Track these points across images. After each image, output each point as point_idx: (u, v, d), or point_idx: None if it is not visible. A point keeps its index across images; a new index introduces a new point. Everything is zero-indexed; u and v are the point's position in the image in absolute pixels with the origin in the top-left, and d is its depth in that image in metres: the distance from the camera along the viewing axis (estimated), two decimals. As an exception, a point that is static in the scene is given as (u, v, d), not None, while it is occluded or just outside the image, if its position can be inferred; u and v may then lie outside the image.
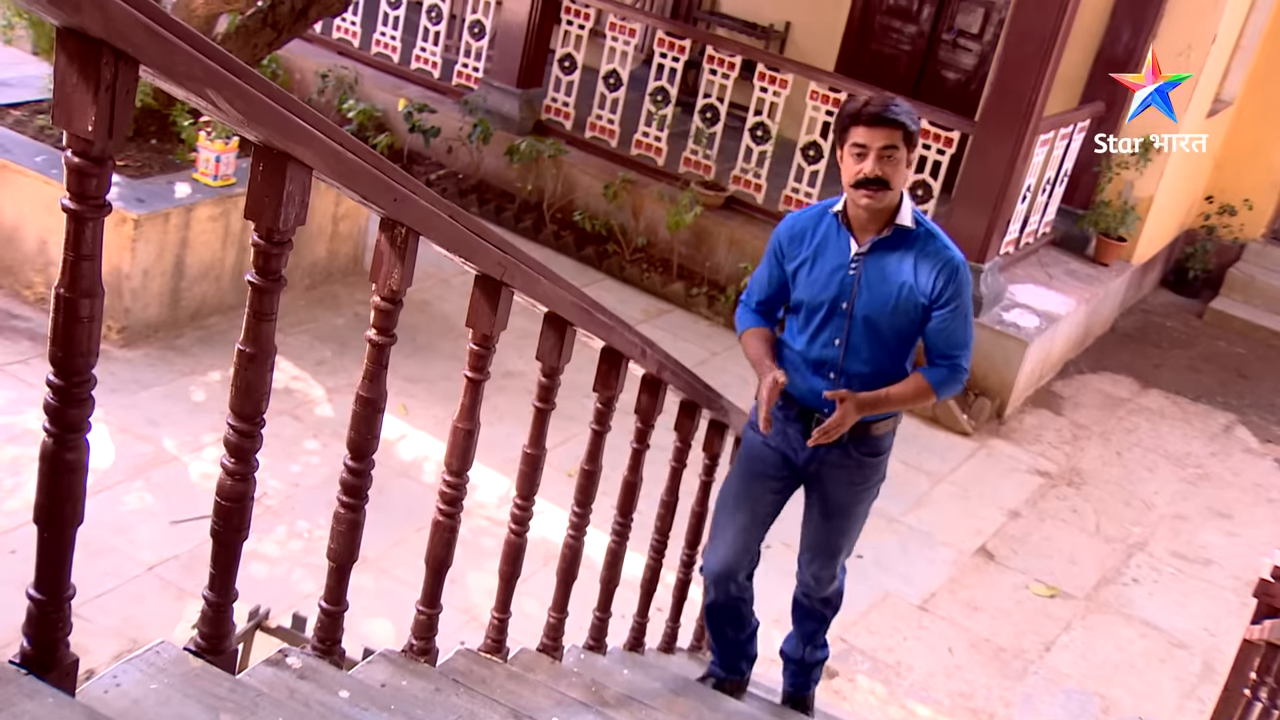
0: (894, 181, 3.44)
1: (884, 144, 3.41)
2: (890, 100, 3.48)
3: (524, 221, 8.29)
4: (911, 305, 3.54)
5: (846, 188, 3.49)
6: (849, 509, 3.82)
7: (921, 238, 3.56)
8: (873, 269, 3.55)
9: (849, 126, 3.47)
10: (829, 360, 3.62)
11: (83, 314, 1.62)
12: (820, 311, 3.60)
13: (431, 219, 2.24)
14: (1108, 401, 7.86)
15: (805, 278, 3.63)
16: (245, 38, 5.93)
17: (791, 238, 3.70)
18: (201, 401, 5.55)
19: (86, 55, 1.44)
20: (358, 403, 2.37)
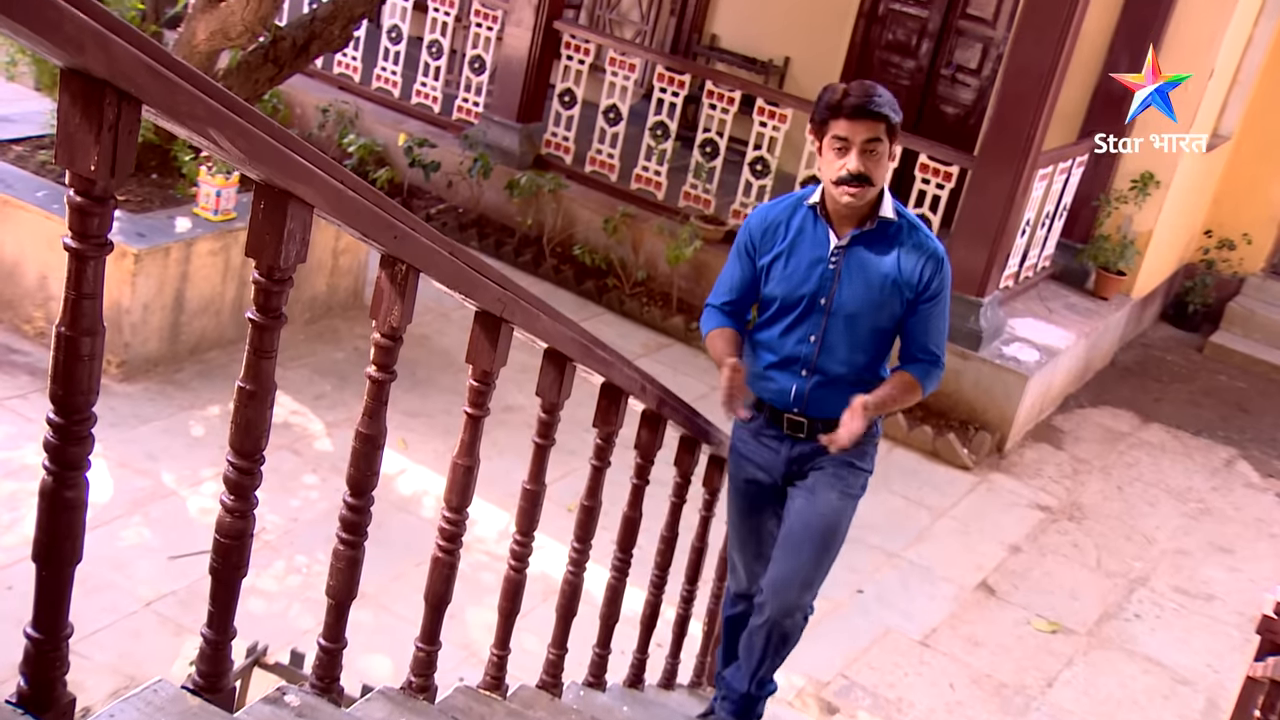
0: (876, 177, 3.32)
1: (867, 137, 3.27)
2: (872, 90, 3.31)
3: (524, 256, 8.30)
4: (895, 299, 3.43)
5: (826, 183, 3.38)
6: (835, 512, 3.60)
7: (904, 229, 3.46)
8: (854, 262, 3.43)
9: (828, 119, 3.31)
10: (802, 358, 3.50)
11: (84, 352, 1.61)
12: (796, 307, 3.48)
13: (431, 256, 2.24)
14: (1108, 436, 7.85)
15: (780, 272, 3.50)
16: (247, 73, 5.96)
17: (765, 230, 3.55)
18: (200, 436, 5.54)
19: (90, 95, 1.44)
20: (357, 439, 2.37)
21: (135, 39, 1.44)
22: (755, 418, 3.62)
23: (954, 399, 7.29)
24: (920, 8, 9.61)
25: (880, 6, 9.71)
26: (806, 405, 3.52)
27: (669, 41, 10.61)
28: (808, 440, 3.56)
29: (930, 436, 7.02)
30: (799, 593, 3.59)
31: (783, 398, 3.54)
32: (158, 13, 6.56)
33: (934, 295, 3.45)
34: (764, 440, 3.62)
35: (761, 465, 3.64)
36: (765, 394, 3.57)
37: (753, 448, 3.66)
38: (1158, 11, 8.15)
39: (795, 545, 3.58)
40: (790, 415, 3.54)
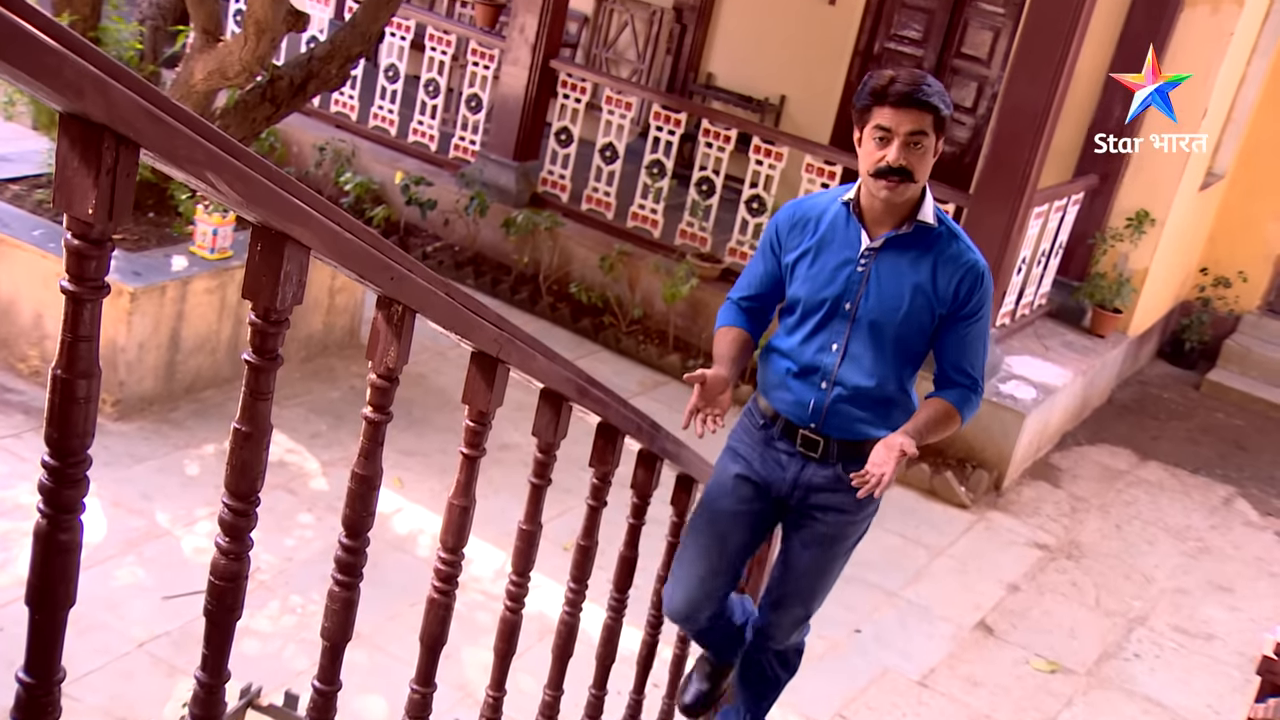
0: (919, 173, 3.05)
1: (911, 129, 3.00)
2: (921, 78, 3.05)
3: (520, 293, 8.30)
4: (925, 313, 3.16)
5: (864, 175, 3.11)
6: (832, 540, 3.39)
7: (944, 238, 3.17)
8: (885, 267, 3.16)
9: (872, 105, 3.04)
10: (822, 368, 3.23)
11: (80, 395, 1.61)
12: (819, 311, 3.22)
13: (428, 297, 2.24)
14: (1106, 474, 7.84)
15: (806, 271, 3.24)
16: (244, 112, 5.98)
17: (793, 225, 3.30)
18: (195, 475, 5.52)
19: (88, 140, 1.45)
20: (353, 480, 2.36)
21: (134, 84, 1.44)
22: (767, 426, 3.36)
23: (951, 437, 7.21)
24: (915, 47, 9.66)
25: (876, 45, 9.77)
26: (824, 421, 3.26)
27: (665, 80, 10.66)
28: (822, 463, 3.29)
29: (927, 474, 7.01)
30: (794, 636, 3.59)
31: (799, 411, 3.28)
32: (155, 52, 6.59)
33: (972, 314, 3.19)
34: (772, 452, 3.36)
35: (761, 471, 3.36)
36: (780, 405, 3.32)
37: (757, 452, 3.37)
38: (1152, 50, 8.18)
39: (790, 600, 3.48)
40: (805, 431, 3.28)
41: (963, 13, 9.45)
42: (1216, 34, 8.02)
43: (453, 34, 9.06)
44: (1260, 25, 8.69)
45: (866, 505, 3.34)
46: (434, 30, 9.05)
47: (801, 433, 3.28)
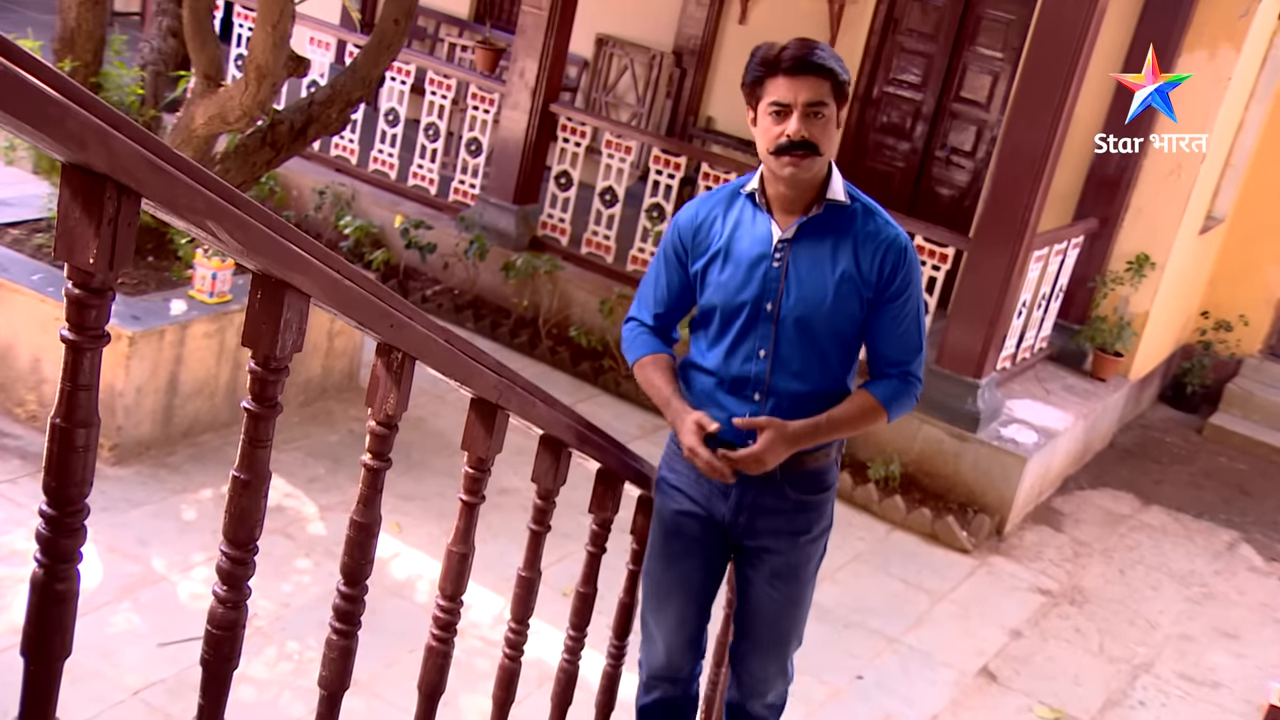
0: (823, 145, 2.81)
1: (810, 98, 2.77)
2: (814, 43, 2.82)
3: (519, 337, 8.29)
4: (853, 300, 2.91)
5: (764, 155, 2.87)
6: (794, 570, 3.13)
7: (860, 215, 2.93)
8: (803, 258, 2.91)
9: (764, 78, 2.82)
10: (752, 378, 2.97)
11: (78, 443, 1.61)
12: (739, 318, 2.95)
13: (428, 344, 2.24)
14: (1109, 518, 7.80)
15: (716, 277, 2.97)
16: (244, 156, 5.98)
17: (695, 228, 3.02)
18: (192, 520, 5.49)
19: (90, 190, 1.45)
20: (352, 527, 2.35)
21: (136, 134, 1.45)
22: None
23: (952, 481, 7.25)
24: (914, 91, 9.70)
25: (875, 89, 9.80)
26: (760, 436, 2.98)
27: (665, 124, 10.70)
28: (764, 483, 3.03)
29: (929, 519, 6.97)
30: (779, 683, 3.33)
31: (733, 428, 3.00)
32: (157, 97, 6.61)
33: (897, 293, 2.93)
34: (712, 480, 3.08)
35: (700, 500, 3.13)
36: None
37: (691, 480, 3.12)
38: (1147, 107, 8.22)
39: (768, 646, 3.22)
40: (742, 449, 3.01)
41: (961, 57, 9.49)
42: (1214, 80, 8.05)
43: (453, 78, 9.10)
44: (1257, 71, 8.73)
45: (820, 522, 3.12)
46: (434, 74, 9.08)
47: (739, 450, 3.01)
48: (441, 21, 11.44)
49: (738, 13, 10.37)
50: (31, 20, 8.57)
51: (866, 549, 6.64)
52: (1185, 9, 8.04)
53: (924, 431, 7.24)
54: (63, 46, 6.13)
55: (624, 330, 3.21)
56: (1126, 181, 8.41)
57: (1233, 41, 7.96)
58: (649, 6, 10.56)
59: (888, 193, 9.45)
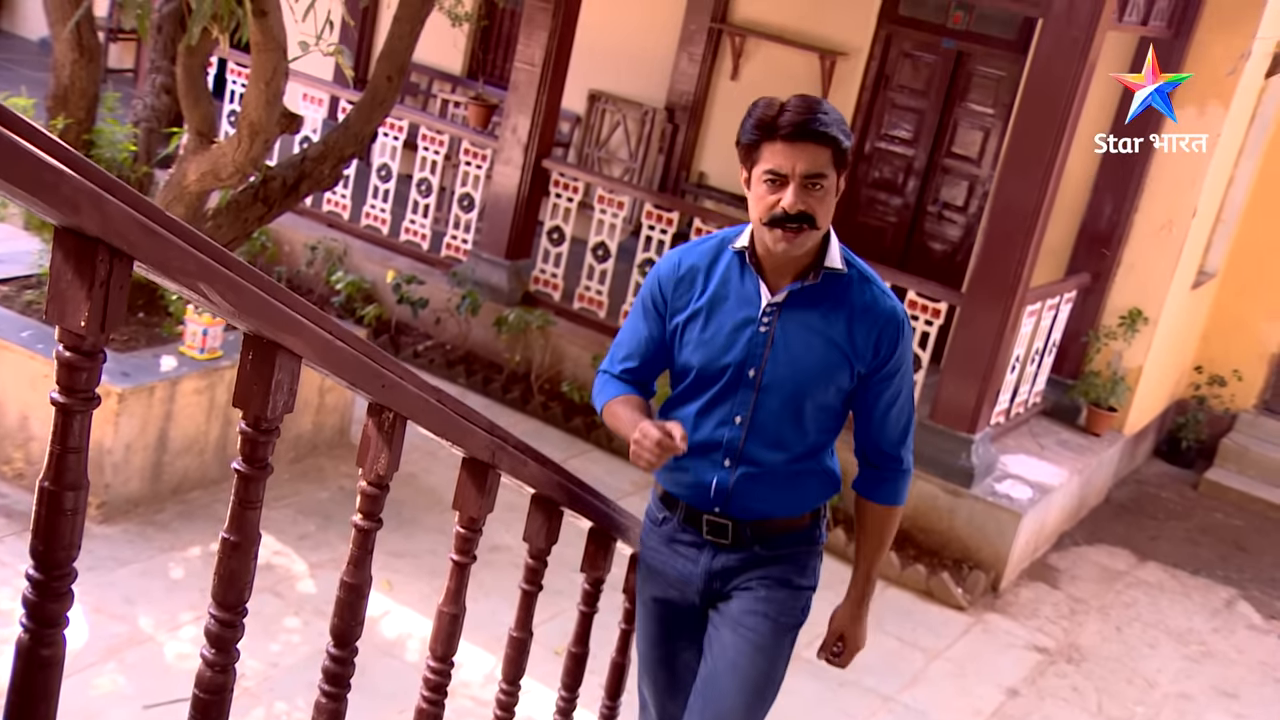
0: (820, 218, 2.61)
1: (808, 169, 2.57)
2: (816, 104, 2.59)
3: (512, 392, 8.26)
4: (842, 374, 2.74)
5: (756, 224, 2.68)
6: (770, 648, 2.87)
7: (855, 284, 2.75)
8: (792, 325, 2.72)
9: (760, 142, 2.60)
10: (725, 444, 2.79)
11: (67, 507, 1.59)
12: (718, 381, 2.77)
13: (420, 404, 2.22)
14: (1105, 575, 7.75)
15: (698, 336, 2.78)
16: (236, 212, 5.97)
17: (678, 281, 2.81)
18: (180, 579, 5.43)
19: (83, 253, 1.45)
20: (342, 588, 2.32)
21: (129, 197, 1.45)
22: (667, 519, 2.94)
23: (947, 537, 7.21)
24: (906, 146, 9.74)
25: (867, 145, 9.85)
26: (729, 503, 2.82)
27: (657, 179, 10.73)
28: (734, 549, 2.86)
29: (923, 575, 6.92)
30: None
31: (700, 494, 2.85)
32: (149, 153, 6.61)
33: (894, 371, 2.77)
34: (678, 548, 2.93)
35: (674, 580, 2.95)
36: (677, 489, 2.90)
37: (664, 557, 2.96)
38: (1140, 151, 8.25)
39: (720, 695, 2.88)
40: (710, 516, 2.85)
41: (953, 113, 9.54)
42: (1204, 135, 8.08)
43: (445, 134, 9.13)
44: (1246, 128, 8.78)
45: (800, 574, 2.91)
46: (427, 130, 9.11)
47: (706, 518, 2.85)
48: (434, 78, 11.49)
49: (730, 69, 10.43)
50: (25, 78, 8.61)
51: (861, 606, 6.58)
52: (1174, 67, 8.08)
53: (918, 487, 7.20)
54: (56, 104, 6.13)
55: (595, 382, 3.01)
56: (1117, 237, 8.43)
57: (1221, 98, 8.01)
58: (641, 63, 10.62)
59: (880, 248, 9.47)
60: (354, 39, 11.05)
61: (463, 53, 11.39)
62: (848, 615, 2.96)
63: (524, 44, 8.42)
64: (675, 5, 10.40)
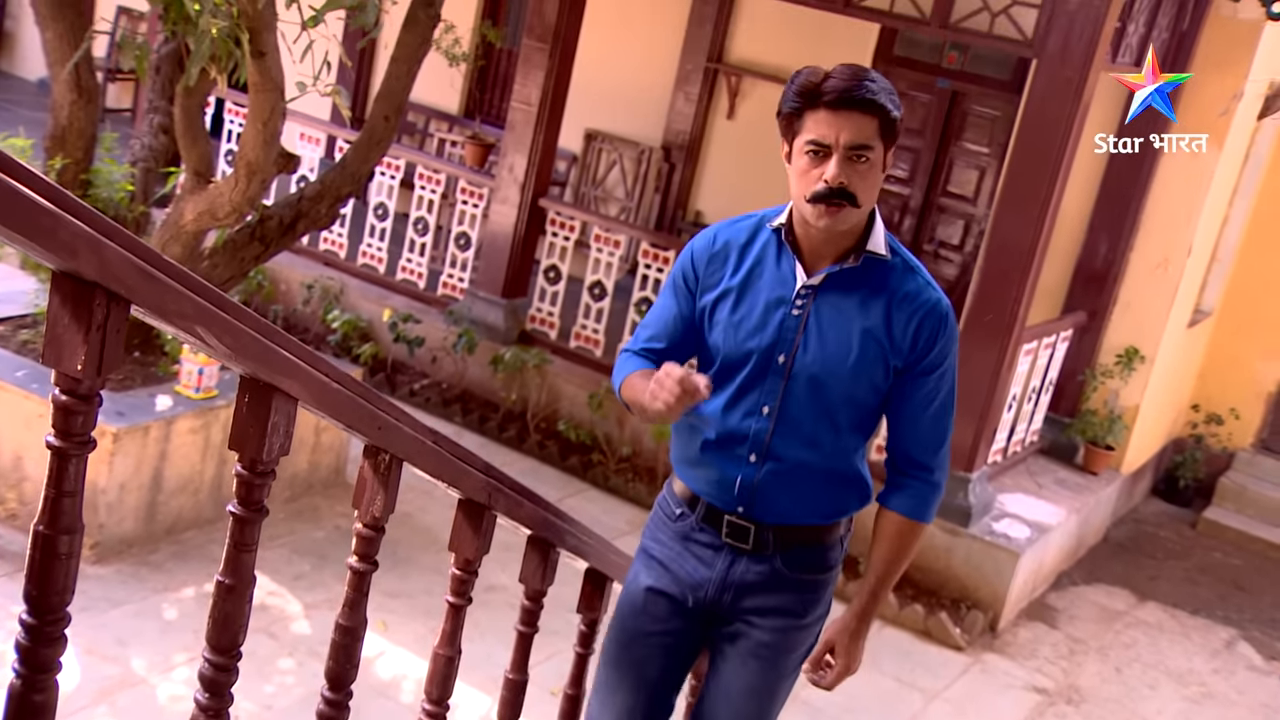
0: (863, 195, 2.45)
1: (853, 139, 2.39)
2: (863, 72, 2.41)
3: (508, 431, 8.24)
4: (877, 366, 2.54)
5: (796, 200, 2.50)
6: (775, 654, 2.70)
7: (898, 271, 2.56)
8: (826, 310, 2.54)
9: (802, 110, 2.42)
10: (751, 437, 2.58)
11: (61, 551, 1.58)
12: (745, 366, 2.56)
13: (416, 446, 2.22)
14: (1104, 614, 7.72)
15: (728, 317, 2.59)
16: (233, 251, 5.97)
17: (712, 256, 2.63)
18: (174, 619, 5.39)
19: (80, 297, 1.46)
20: (337, 631, 2.30)
21: (126, 241, 1.46)
22: (684, 515, 2.70)
23: (944, 576, 7.18)
24: (902, 185, 9.77)
25: (861, 184, 9.87)
26: (754, 504, 2.61)
27: (654, 218, 10.75)
28: (754, 557, 2.64)
29: (921, 615, 6.89)
30: None
31: (722, 492, 2.63)
32: (146, 193, 6.62)
33: (933, 366, 2.56)
34: (693, 547, 2.69)
35: (680, 578, 2.70)
36: (699, 485, 2.67)
37: (673, 554, 2.72)
38: (1135, 190, 8.31)
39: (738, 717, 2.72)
40: (732, 517, 2.64)
41: (948, 152, 9.58)
42: (1198, 174, 8.12)
43: (442, 173, 9.15)
44: (1240, 167, 8.82)
45: (815, 607, 2.72)
46: (424, 169, 9.13)
47: (727, 519, 2.64)
48: (431, 117, 11.53)
49: (726, 108, 10.47)
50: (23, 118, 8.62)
51: (859, 647, 6.54)
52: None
53: (916, 526, 7.16)
54: (54, 144, 6.15)
55: (616, 361, 2.77)
56: (1113, 276, 8.45)
57: (1214, 138, 8.04)
58: (638, 102, 10.67)
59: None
60: (351, 79, 11.09)
61: (460, 92, 11.44)
62: (844, 628, 2.66)
63: (521, 84, 8.45)
64: (671, 45, 10.46)
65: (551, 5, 8.21)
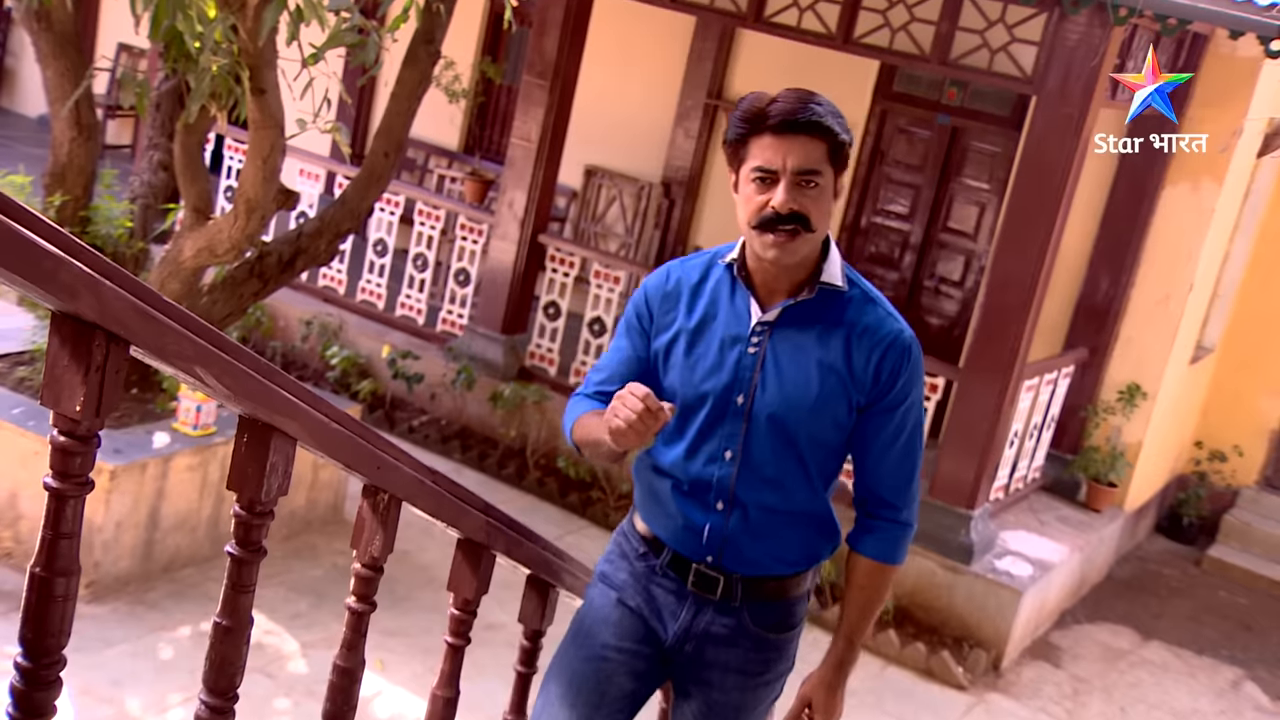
0: (815, 219, 2.35)
1: (800, 165, 2.31)
2: (810, 96, 2.34)
3: (507, 468, 8.20)
4: (839, 402, 2.45)
5: (745, 228, 2.41)
6: (735, 713, 2.60)
7: (856, 303, 2.48)
8: (784, 346, 2.45)
9: (747, 136, 2.36)
10: (715, 483, 2.48)
11: (58, 593, 1.58)
12: (703, 409, 2.47)
13: (415, 485, 2.20)
14: (1108, 654, 7.66)
15: (682, 359, 2.50)
16: (231, 288, 5.96)
17: (665, 295, 2.55)
18: (170, 659, 5.34)
19: (79, 338, 1.45)
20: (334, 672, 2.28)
21: (126, 283, 1.45)
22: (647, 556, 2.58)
23: (946, 614, 7.12)
24: (902, 221, 9.77)
25: (863, 220, 9.88)
26: (724, 553, 2.51)
27: (653, 253, 10.74)
28: (722, 607, 2.54)
29: (924, 654, 6.83)
30: None
31: (691, 541, 2.53)
32: (145, 229, 6.60)
33: (897, 401, 2.47)
34: (656, 590, 2.57)
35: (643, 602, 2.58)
36: (666, 533, 2.56)
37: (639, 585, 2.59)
38: (1135, 226, 8.30)
39: None
40: (700, 566, 2.53)
41: (948, 188, 9.58)
42: (1198, 211, 8.12)
43: (442, 209, 9.14)
44: (1240, 204, 8.83)
45: (779, 663, 2.62)
46: (423, 205, 9.13)
47: (695, 567, 2.53)
48: (431, 153, 11.54)
49: (725, 145, 10.48)
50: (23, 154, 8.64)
51: (860, 685, 6.48)
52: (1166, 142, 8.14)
53: (916, 564, 7.13)
54: (54, 181, 6.14)
55: (567, 406, 2.71)
56: (1114, 312, 8.44)
57: (1214, 175, 8.05)
58: (637, 138, 10.68)
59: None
60: (351, 115, 11.12)
61: (459, 128, 11.46)
62: (820, 682, 2.54)
63: (520, 120, 8.47)
64: (671, 82, 10.48)
65: (551, 42, 8.23)
